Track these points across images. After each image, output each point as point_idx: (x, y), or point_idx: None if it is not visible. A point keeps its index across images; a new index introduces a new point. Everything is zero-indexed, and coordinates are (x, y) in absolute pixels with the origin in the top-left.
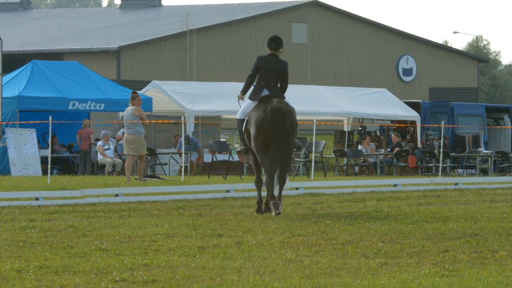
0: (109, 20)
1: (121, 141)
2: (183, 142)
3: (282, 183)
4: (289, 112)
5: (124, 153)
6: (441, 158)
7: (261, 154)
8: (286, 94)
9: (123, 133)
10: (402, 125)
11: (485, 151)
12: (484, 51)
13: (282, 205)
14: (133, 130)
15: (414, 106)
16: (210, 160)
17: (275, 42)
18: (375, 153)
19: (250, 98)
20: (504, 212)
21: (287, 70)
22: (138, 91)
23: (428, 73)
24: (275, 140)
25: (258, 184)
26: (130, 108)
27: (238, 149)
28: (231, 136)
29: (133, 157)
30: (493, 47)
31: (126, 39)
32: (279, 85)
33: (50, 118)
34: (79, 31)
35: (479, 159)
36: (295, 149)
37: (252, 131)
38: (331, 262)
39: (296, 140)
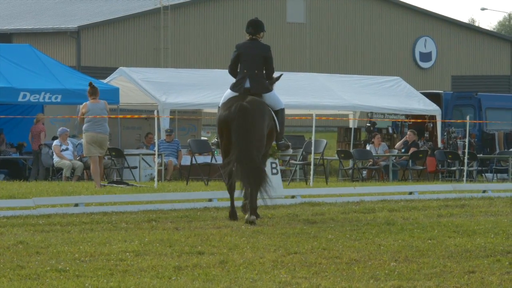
0: None
1: (81, 140)
2: (156, 139)
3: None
4: (259, 114)
5: (86, 155)
6: (466, 161)
7: (223, 155)
8: (280, 84)
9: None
10: (419, 120)
11: None
12: None
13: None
14: (104, 128)
15: (433, 97)
16: (188, 163)
17: (253, 27)
18: (386, 154)
19: (231, 88)
20: None
21: (270, 54)
22: (102, 80)
23: (451, 58)
24: (238, 144)
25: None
26: (96, 102)
27: (212, 141)
28: (213, 134)
29: (97, 159)
30: None
31: (87, 17)
32: (264, 72)
33: None
34: (30, 7)
35: None
36: (273, 153)
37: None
38: (334, 285)
39: (282, 141)
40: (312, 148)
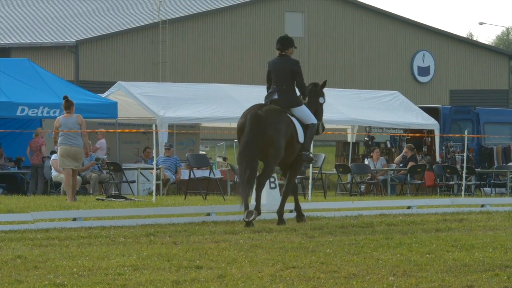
0: (66, 8)
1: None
2: (154, 153)
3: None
4: (272, 122)
5: (60, 167)
6: (464, 175)
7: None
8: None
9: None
10: (418, 134)
11: None
12: None
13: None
14: (77, 141)
15: (432, 112)
16: (187, 177)
17: (281, 43)
18: (385, 168)
19: (265, 100)
20: None
21: (299, 69)
22: (100, 94)
23: (449, 72)
24: (243, 145)
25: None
26: (69, 116)
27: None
28: (212, 148)
29: (71, 172)
30: None
31: (86, 31)
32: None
33: None
34: (29, 22)
35: (511, 176)
36: (304, 162)
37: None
38: None
39: (306, 153)
40: None
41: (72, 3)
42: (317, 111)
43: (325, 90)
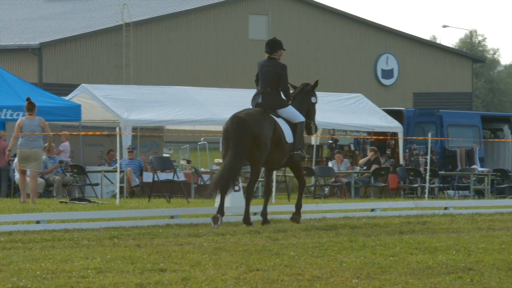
0: (30, 11)
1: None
2: (118, 156)
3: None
4: (254, 124)
5: (21, 168)
6: (427, 178)
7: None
8: (243, 100)
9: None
10: (381, 137)
11: (480, 169)
12: (480, 48)
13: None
14: (38, 144)
15: (395, 114)
16: (150, 180)
17: (269, 46)
18: (348, 171)
19: (251, 102)
20: (503, 242)
21: (284, 73)
22: (64, 97)
23: (412, 75)
24: (230, 151)
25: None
26: (32, 118)
27: None
28: (176, 151)
29: (26, 173)
30: (490, 44)
31: (49, 34)
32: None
33: None
34: None
35: (474, 179)
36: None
37: None
38: None
39: (298, 152)
40: None
41: (36, 5)
42: (310, 110)
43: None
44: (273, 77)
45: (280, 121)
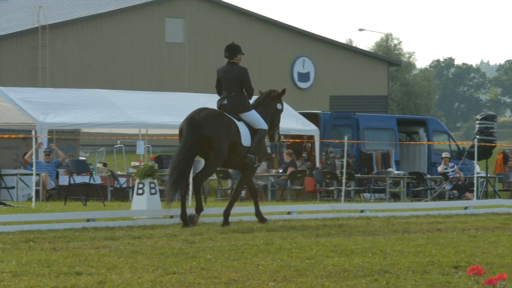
0: None
1: None
2: (34, 159)
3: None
4: (209, 125)
5: None
6: (344, 180)
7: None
8: (158, 104)
9: None
10: (298, 140)
11: (396, 172)
12: (395, 52)
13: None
14: None
15: (311, 117)
16: (66, 183)
17: (229, 51)
18: (265, 174)
19: (216, 105)
20: (418, 244)
21: (246, 76)
22: None
23: (329, 78)
24: (178, 152)
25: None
26: None
27: None
28: (92, 154)
29: None
30: (405, 48)
31: None
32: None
33: None
34: None
35: (390, 182)
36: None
37: None
38: None
39: (252, 155)
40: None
41: None
42: (274, 117)
43: (207, 95)
44: (236, 82)
45: (239, 124)
